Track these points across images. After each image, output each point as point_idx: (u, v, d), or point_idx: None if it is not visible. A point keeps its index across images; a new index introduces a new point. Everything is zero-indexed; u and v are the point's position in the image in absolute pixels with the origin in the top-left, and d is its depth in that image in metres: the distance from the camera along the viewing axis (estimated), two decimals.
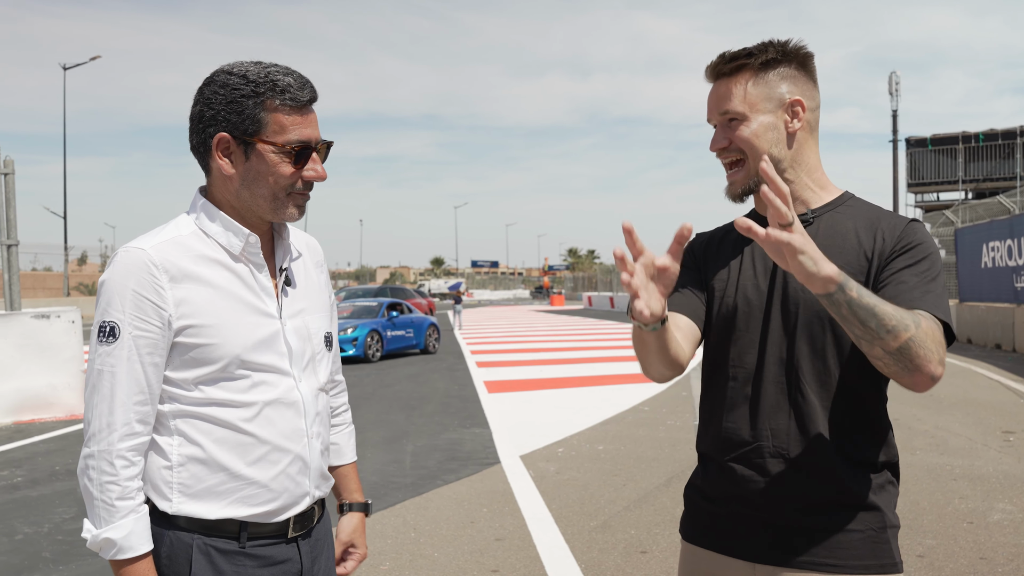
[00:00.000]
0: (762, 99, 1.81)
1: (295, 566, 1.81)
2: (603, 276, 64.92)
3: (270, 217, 1.77)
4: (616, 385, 13.35)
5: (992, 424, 9.10)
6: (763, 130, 1.80)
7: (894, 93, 33.59)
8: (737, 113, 1.81)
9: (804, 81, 1.84)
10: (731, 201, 1.88)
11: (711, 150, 1.87)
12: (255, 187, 1.73)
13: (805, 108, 1.82)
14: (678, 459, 7.62)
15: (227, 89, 1.70)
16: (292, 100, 1.71)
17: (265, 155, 1.71)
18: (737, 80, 1.82)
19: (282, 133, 1.71)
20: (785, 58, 1.82)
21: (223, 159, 1.72)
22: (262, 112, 1.70)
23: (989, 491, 6.31)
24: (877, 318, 1.56)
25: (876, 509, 1.74)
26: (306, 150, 1.74)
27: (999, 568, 4.70)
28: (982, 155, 35.39)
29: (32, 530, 5.66)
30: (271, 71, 1.71)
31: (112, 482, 1.63)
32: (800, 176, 1.84)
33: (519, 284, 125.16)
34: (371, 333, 18.81)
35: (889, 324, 1.57)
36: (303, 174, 1.75)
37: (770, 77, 1.81)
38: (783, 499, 1.77)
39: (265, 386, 1.74)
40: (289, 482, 1.77)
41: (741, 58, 1.82)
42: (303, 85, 1.73)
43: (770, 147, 1.80)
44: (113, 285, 1.66)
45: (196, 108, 1.74)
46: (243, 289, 1.75)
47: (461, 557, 5.04)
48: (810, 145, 1.85)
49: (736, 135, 1.82)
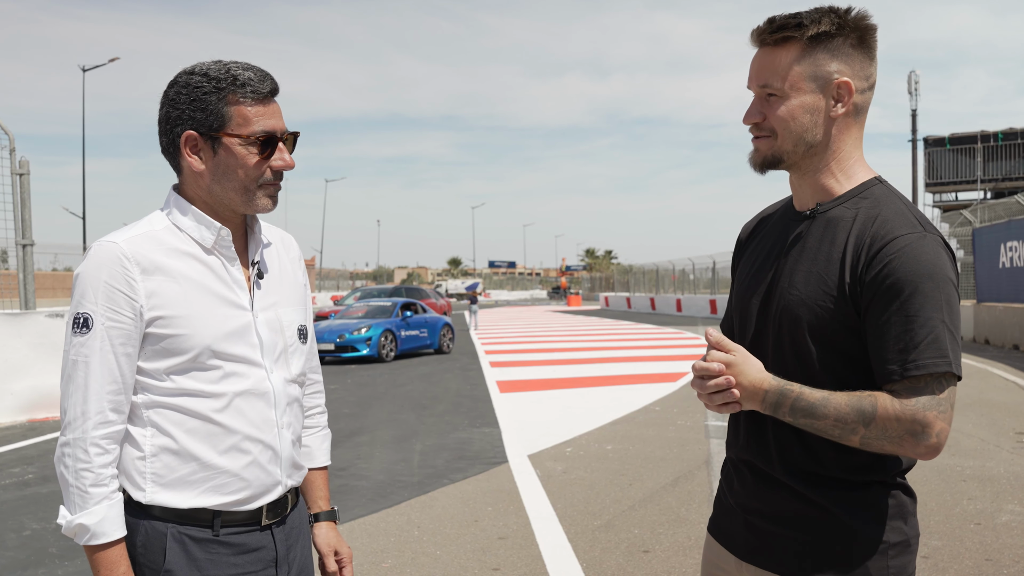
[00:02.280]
0: (806, 78, 1.65)
1: (269, 553, 1.84)
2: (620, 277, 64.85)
3: (243, 210, 1.81)
4: (629, 385, 13.33)
5: (1006, 425, 9.03)
6: (801, 112, 1.66)
7: (913, 92, 33.37)
8: (777, 89, 1.67)
9: (860, 58, 1.66)
10: (753, 169, 1.76)
11: (744, 123, 1.74)
12: (225, 181, 1.77)
13: (853, 91, 1.66)
14: (686, 459, 7.60)
15: (189, 88, 1.76)
16: (253, 92, 1.76)
17: (232, 148, 1.75)
18: (782, 52, 1.66)
19: (246, 125, 1.75)
20: (841, 31, 1.64)
21: (192, 156, 1.77)
22: (225, 107, 1.74)
23: (998, 492, 6.26)
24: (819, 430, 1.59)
25: (848, 523, 1.66)
26: (272, 140, 1.78)
27: (1005, 570, 4.66)
28: (1001, 154, 35.06)
29: (40, 526, 5.71)
30: (231, 67, 1.76)
31: (86, 469, 1.68)
32: (829, 164, 1.71)
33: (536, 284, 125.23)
34: (385, 333, 18.85)
35: (833, 433, 1.59)
36: (271, 164, 1.78)
37: (819, 53, 1.64)
38: (755, 506, 1.77)
39: (236, 377, 1.78)
40: (260, 471, 1.81)
41: (789, 28, 1.64)
42: (263, 78, 1.78)
43: (806, 130, 1.67)
44: (86, 277, 1.70)
45: (162, 111, 1.79)
46: (215, 281, 1.78)
47: (463, 555, 5.04)
48: (851, 130, 1.70)
49: (773, 112, 1.68)
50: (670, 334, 25.72)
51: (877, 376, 1.60)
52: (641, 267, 56.93)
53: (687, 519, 5.69)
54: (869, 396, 1.56)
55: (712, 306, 37.89)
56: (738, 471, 1.84)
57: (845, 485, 1.67)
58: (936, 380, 1.55)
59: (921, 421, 1.53)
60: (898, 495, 1.70)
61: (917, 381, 1.55)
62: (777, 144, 1.70)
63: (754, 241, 1.92)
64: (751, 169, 1.77)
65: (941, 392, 1.55)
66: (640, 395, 12.04)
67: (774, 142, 1.70)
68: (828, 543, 1.67)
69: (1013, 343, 18.09)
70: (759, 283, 1.79)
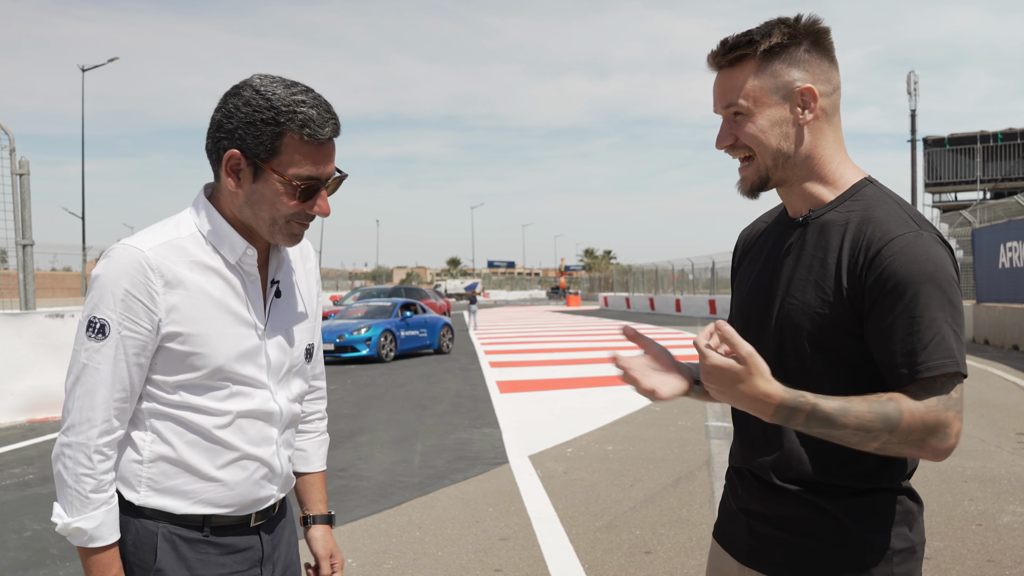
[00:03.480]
0: (768, 91, 1.65)
1: (256, 553, 1.85)
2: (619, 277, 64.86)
3: (267, 238, 1.78)
4: (628, 385, 13.27)
5: (1006, 426, 9.03)
6: (770, 125, 1.66)
7: (912, 92, 33.36)
8: (740, 107, 1.66)
9: (818, 62, 1.66)
10: (744, 197, 1.76)
11: (717, 148, 1.73)
12: (257, 209, 1.73)
13: (817, 96, 1.65)
14: (687, 460, 7.60)
15: (249, 108, 1.67)
16: (310, 136, 1.67)
17: (272, 183, 1.69)
18: (739, 71, 1.66)
19: (294, 166, 1.68)
20: (794, 40, 1.64)
21: (229, 176, 1.71)
22: (279, 141, 1.67)
23: (1000, 493, 6.26)
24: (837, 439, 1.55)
25: (853, 529, 1.65)
26: (313, 187, 1.72)
27: (1007, 571, 4.66)
28: (1000, 155, 35.07)
29: (41, 527, 5.70)
30: (297, 100, 1.67)
31: (88, 475, 1.67)
32: (812, 171, 1.70)
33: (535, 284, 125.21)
34: (385, 333, 18.84)
35: (853, 440, 1.54)
36: (307, 210, 1.74)
37: (776, 65, 1.64)
38: (759, 511, 1.77)
39: (242, 397, 1.77)
40: (255, 487, 1.82)
41: (741, 47, 1.65)
42: (326, 121, 1.69)
43: (779, 142, 1.66)
44: (107, 282, 1.67)
45: (217, 115, 1.72)
46: (234, 299, 1.76)
47: (465, 556, 5.04)
48: (825, 134, 1.69)
49: (742, 132, 1.68)
50: (670, 334, 25.71)
51: (887, 379, 1.58)
52: (640, 267, 56.94)
53: (688, 520, 5.69)
54: (891, 400, 1.53)
55: (711, 306, 37.89)
56: (742, 476, 1.83)
57: (851, 492, 1.66)
58: (948, 380, 1.54)
59: (944, 423, 1.53)
60: (904, 501, 1.69)
61: (931, 383, 1.54)
62: (759, 163, 1.70)
63: (752, 250, 1.91)
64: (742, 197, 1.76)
65: (954, 391, 1.54)
66: (640, 396, 11.98)
67: (756, 164, 1.70)
68: (832, 548, 1.66)
69: (1013, 343, 18.09)
70: (758, 293, 1.78)
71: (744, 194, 1.75)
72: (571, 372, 15.49)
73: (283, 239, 1.76)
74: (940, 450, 1.55)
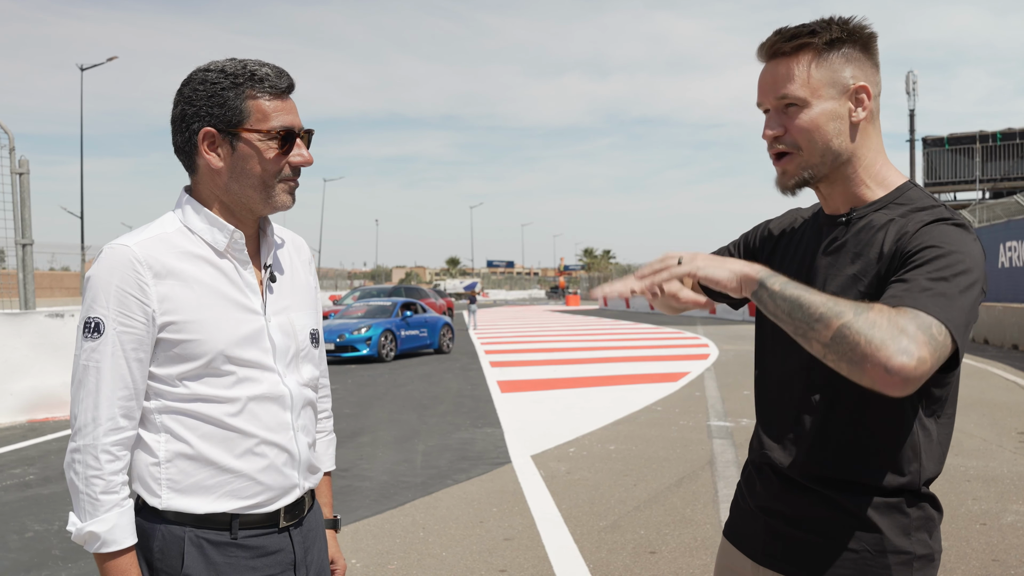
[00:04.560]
0: (826, 84, 1.63)
1: (288, 556, 1.82)
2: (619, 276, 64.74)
3: (261, 208, 1.79)
4: (629, 385, 13.31)
5: (1007, 425, 9.02)
6: (825, 119, 1.63)
7: (911, 92, 33.44)
8: (797, 98, 1.63)
9: (868, 64, 1.66)
10: (782, 193, 1.71)
11: (764, 137, 1.70)
12: (243, 178, 1.75)
13: (871, 95, 1.65)
14: (689, 459, 7.59)
15: (207, 84, 1.74)
16: (272, 88, 1.74)
17: (251, 143, 1.74)
18: (797, 60, 1.64)
19: (265, 120, 1.74)
20: (849, 38, 1.64)
21: (210, 153, 1.75)
22: (244, 102, 1.73)
23: (1003, 492, 6.25)
24: (803, 308, 1.45)
25: (875, 531, 1.62)
26: (290, 135, 1.76)
27: (1012, 570, 4.65)
28: (1000, 154, 35.08)
29: (43, 528, 5.68)
30: (247, 63, 1.75)
31: (97, 476, 1.65)
32: (858, 172, 1.69)
33: (534, 284, 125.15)
34: (385, 333, 18.83)
35: (816, 312, 1.43)
36: (290, 159, 1.77)
37: (833, 59, 1.63)
38: (778, 509, 1.75)
39: (250, 382, 1.76)
40: (277, 474, 1.79)
41: (803, 36, 1.63)
42: (280, 74, 1.77)
43: (831, 139, 1.64)
44: (98, 281, 1.67)
45: (177, 109, 1.77)
46: (227, 285, 1.76)
47: (469, 557, 5.03)
48: (871, 136, 1.68)
49: (795, 124, 1.64)
50: (670, 334, 25.72)
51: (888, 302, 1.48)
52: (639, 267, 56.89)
53: (693, 520, 5.68)
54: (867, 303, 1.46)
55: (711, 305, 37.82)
56: (762, 473, 1.81)
57: (875, 492, 1.64)
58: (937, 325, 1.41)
59: (910, 334, 1.38)
60: (926, 507, 1.66)
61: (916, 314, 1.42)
62: (804, 159, 1.66)
63: (787, 243, 1.88)
64: (778, 192, 1.72)
65: (937, 332, 1.40)
66: (641, 395, 12.02)
67: (801, 158, 1.66)
68: (853, 551, 1.64)
69: (1012, 343, 18.10)
70: None
71: (785, 190, 1.71)
72: (572, 372, 15.48)
73: (281, 199, 1.78)
74: (893, 366, 1.36)
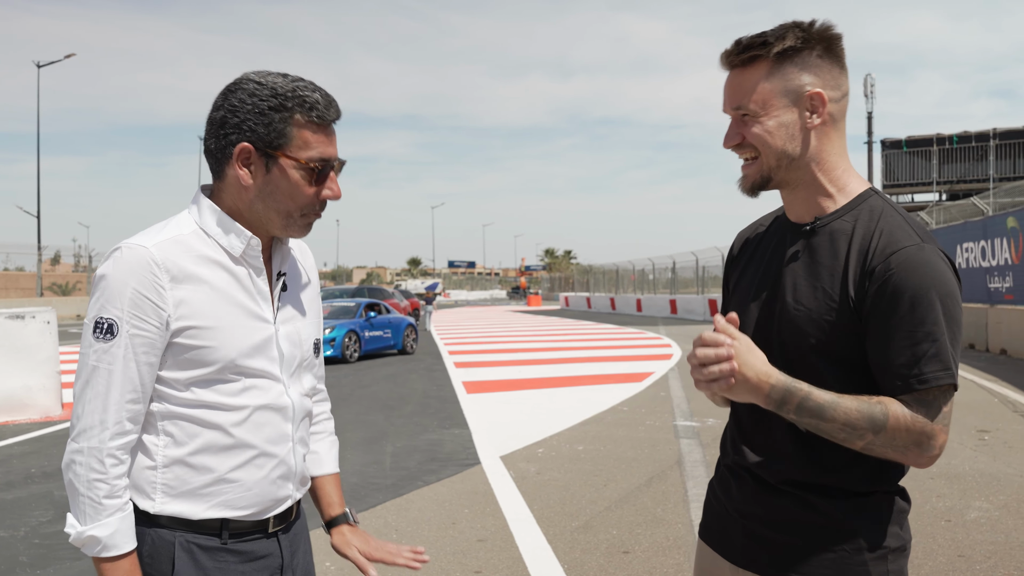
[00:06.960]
0: (777, 94, 1.67)
1: (276, 560, 1.82)
2: (580, 276, 65.05)
3: (277, 232, 1.77)
4: (595, 385, 13.37)
5: (967, 423, 9.20)
6: (777, 127, 1.67)
7: (869, 95, 33.93)
8: (748, 109, 1.68)
9: (829, 68, 1.68)
10: (744, 195, 1.77)
11: (724, 147, 1.75)
12: (271, 201, 1.72)
13: (826, 101, 1.67)
14: (658, 459, 7.64)
15: (255, 99, 1.69)
16: (319, 118, 1.71)
17: (286, 170, 1.70)
18: (751, 72, 1.68)
19: (306, 148, 1.70)
20: (807, 44, 1.66)
21: (242, 168, 1.71)
22: (288, 126, 1.69)
23: (966, 490, 6.38)
24: (824, 432, 1.60)
25: (852, 531, 1.67)
26: (327, 168, 1.74)
27: (977, 565, 4.75)
28: (956, 157, 35.75)
29: (8, 534, 5.59)
30: (299, 86, 1.71)
31: (101, 480, 1.63)
32: (817, 176, 1.72)
33: (496, 284, 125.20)
34: (349, 333, 18.73)
35: (839, 436, 1.59)
36: (322, 193, 1.74)
37: (787, 69, 1.66)
38: (755, 512, 1.78)
39: (256, 391, 1.75)
40: (272, 487, 1.79)
41: (755, 48, 1.67)
42: (330, 104, 1.73)
43: (784, 144, 1.68)
44: (113, 282, 1.64)
45: (219, 113, 1.72)
46: (241, 293, 1.75)
47: (444, 558, 5.03)
48: (831, 139, 1.71)
49: (748, 132, 1.70)
50: (632, 334, 25.86)
51: (882, 387, 1.62)
52: (601, 267, 57.19)
53: (664, 519, 5.73)
54: (879, 403, 1.57)
55: (672, 306, 38.16)
56: (737, 477, 1.83)
57: (850, 493, 1.69)
58: (941, 393, 1.59)
59: (928, 433, 1.57)
60: (898, 501, 1.72)
61: (925, 394, 1.58)
62: (762, 163, 1.71)
63: (747, 253, 1.92)
64: (742, 194, 1.78)
65: (945, 405, 1.59)
66: (607, 395, 12.07)
67: (760, 163, 1.72)
68: (830, 549, 1.68)
69: (969, 342, 18.44)
70: (758, 297, 1.79)
71: (745, 192, 1.77)
72: (537, 372, 15.51)
73: (297, 230, 1.77)
74: (922, 459, 1.60)
